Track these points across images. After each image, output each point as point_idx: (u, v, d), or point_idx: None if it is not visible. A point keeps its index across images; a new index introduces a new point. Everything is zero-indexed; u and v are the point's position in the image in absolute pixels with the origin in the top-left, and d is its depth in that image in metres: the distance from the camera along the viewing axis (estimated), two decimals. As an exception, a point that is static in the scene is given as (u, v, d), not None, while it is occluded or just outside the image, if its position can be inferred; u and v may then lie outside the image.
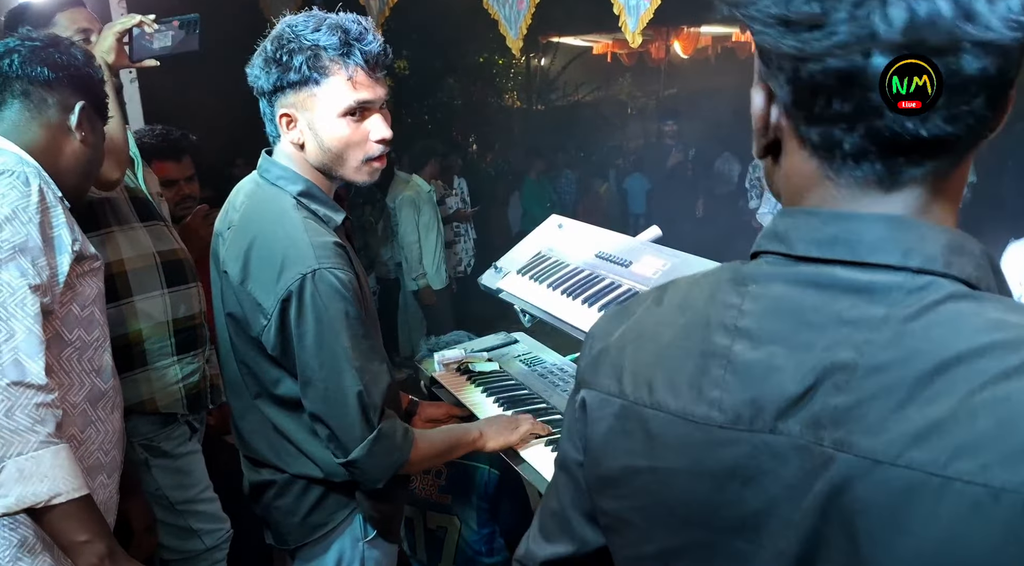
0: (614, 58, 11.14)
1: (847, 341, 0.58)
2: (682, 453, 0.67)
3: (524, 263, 2.27)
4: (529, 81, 10.49)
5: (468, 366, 2.17)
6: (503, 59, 9.61)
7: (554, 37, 10.41)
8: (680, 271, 1.86)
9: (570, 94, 11.02)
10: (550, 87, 10.91)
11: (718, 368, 0.65)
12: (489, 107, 9.40)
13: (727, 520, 0.65)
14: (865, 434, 0.56)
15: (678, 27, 9.99)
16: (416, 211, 5.10)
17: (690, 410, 0.66)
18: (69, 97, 1.49)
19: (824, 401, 0.58)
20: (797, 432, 0.60)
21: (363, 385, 1.40)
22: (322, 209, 1.49)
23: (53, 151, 1.47)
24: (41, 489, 1.19)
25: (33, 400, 1.21)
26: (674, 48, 10.45)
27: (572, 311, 1.96)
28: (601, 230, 2.21)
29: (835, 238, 0.61)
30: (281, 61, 1.39)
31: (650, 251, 2.00)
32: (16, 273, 1.25)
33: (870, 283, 0.59)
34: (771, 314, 0.63)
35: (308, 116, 1.44)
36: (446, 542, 2.42)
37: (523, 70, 10.43)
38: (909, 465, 0.54)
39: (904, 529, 0.54)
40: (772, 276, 0.65)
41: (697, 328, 0.68)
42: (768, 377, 0.62)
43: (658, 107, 10.25)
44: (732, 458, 0.63)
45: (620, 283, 1.94)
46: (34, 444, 1.19)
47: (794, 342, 0.61)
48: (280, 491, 1.58)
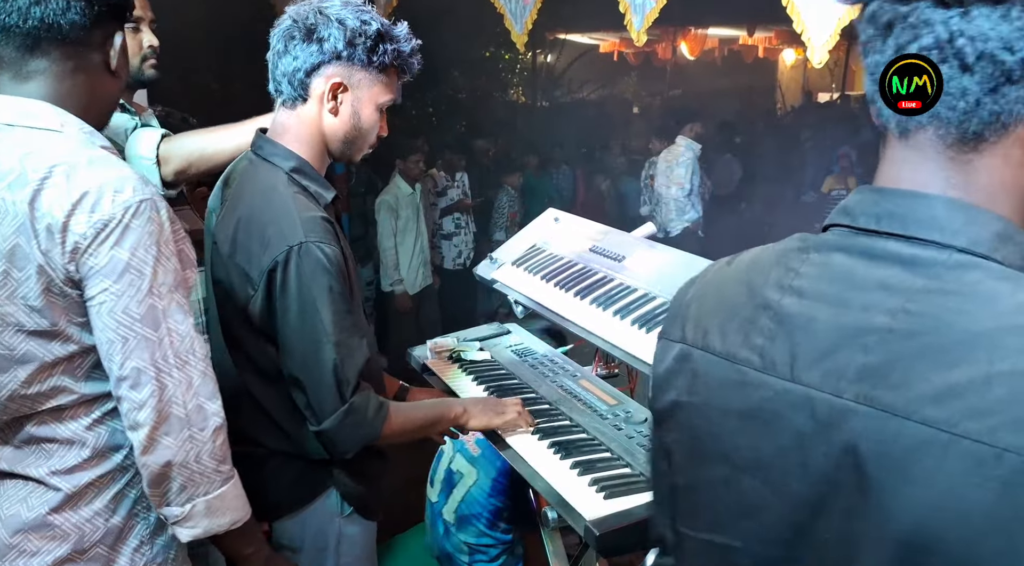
0: (620, 57, 11.15)
1: (883, 306, 0.64)
2: (717, 391, 0.74)
3: (519, 255, 2.29)
4: (534, 77, 10.49)
5: (459, 354, 2.19)
6: (509, 54, 9.61)
7: (561, 34, 10.41)
8: (673, 268, 1.88)
9: (575, 91, 11.02)
10: (555, 83, 10.91)
11: (766, 319, 0.72)
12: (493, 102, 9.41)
13: (743, 458, 0.71)
14: (887, 390, 0.61)
15: (685, 28, 9.99)
16: (393, 215, 5.03)
17: (733, 353, 0.74)
18: (108, 27, 1.24)
19: (850, 357, 0.64)
20: (817, 382, 0.65)
21: (340, 358, 1.44)
22: (313, 186, 1.53)
23: (94, 97, 1.26)
24: (224, 521, 1.28)
25: (217, 441, 1.25)
26: (680, 49, 10.46)
27: (564, 303, 1.98)
28: (596, 225, 2.24)
29: (892, 213, 0.67)
30: (370, 42, 1.48)
31: (644, 247, 2.03)
32: (180, 316, 1.21)
33: (914, 256, 0.64)
34: (823, 277, 0.69)
35: (358, 94, 1.53)
36: (457, 487, 2.56)
37: (529, 66, 10.43)
38: (923, 421, 0.59)
39: (912, 479, 0.59)
40: (832, 245, 0.70)
41: (757, 285, 0.75)
42: (805, 329, 0.68)
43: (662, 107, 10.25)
44: (757, 400, 0.70)
45: (613, 277, 1.97)
46: (219, 483, 1.26)
47: (836, 301, 0.67)
48: (257, 465, 1.60)
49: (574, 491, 1.54)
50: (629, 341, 1.73)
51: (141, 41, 1.92)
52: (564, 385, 2.00)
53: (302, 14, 1.49)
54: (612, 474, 1.58)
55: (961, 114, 0.63)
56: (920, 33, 0.63)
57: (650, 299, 1.81)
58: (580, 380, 2.03)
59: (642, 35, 3.89)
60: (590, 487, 1.54)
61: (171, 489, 1.23)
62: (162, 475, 1.21)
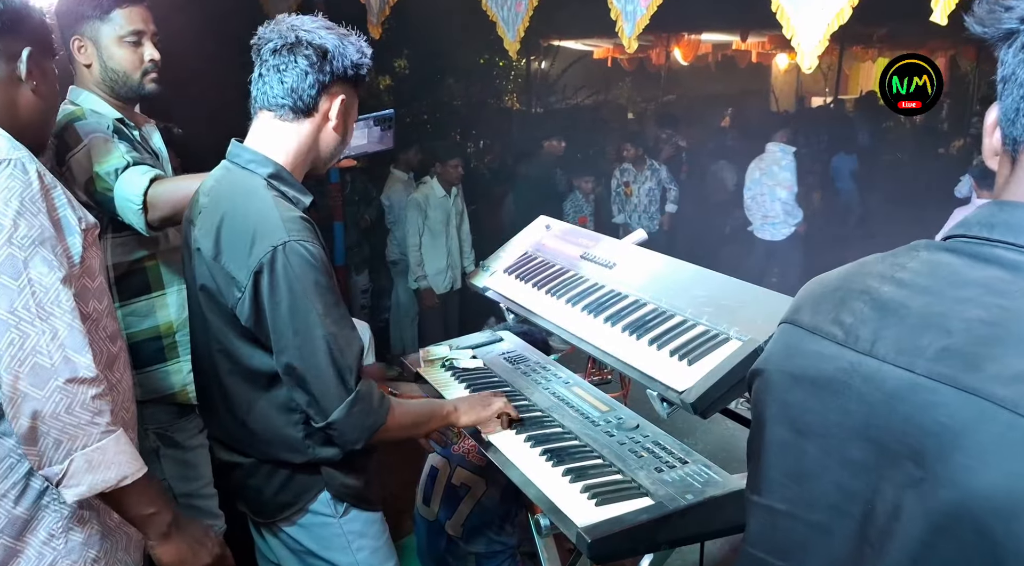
0: (614, 63, 11.19)
1: (978, 300, 0.68)
2: (797, 360, 0.81)
3: (511, 263, 2.30)
4: (529, 84, 10.51)
5: (452, 362, 2.20)
6: (503, 61, 9.63)
7: (555, 40, 10.44)
8: (663, 274, 1.89)
9: (569, 97, 11.04)
10: (549, 90, 10.93)
11: (861, 303, 0.77)
12: (488, 109, 9.42)
13: (807, 424, 0.77)
14: (961, 370, 0.65)
15: (678, 34, 10.02)
16: (422, 214, 5.08)
17: (818, 326, 0.80)
18: (11, 45, 1.35)
19: (933, 339, 0.69)
20: (892, 357, 0.70)
21: (338, 349, 1.46)
22: (291, 191, 1.56)
23: (7, 108, 1.36)
24: (110, 475, 1.27)
25: (89, 393, 1.25)
26: (674, 54, 10.49)
27: (556, 311, 1.99)
28: (587, 232, 2.25)
29: (1006, 223, 0.71)
30: (360, 67, 1.58)
31: (634, 254, 2.04)
32: (44, 269, 1.23)
33: (1018, 262, 0.69)
34: (926, 272, 0.75)
35: (351, 112, 1.64)
36: (464, 501, 2.51)
37: (523, 72, 10.45)
38: (990, 398, 0.62)
39: (968, 451, 0.63)
40: (943, 247, 0.76)
41: (861, 274, 0.81)
42: (896, 313, 0.73)
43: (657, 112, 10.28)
44: (832, 370, 0.76)
45: (604, 284, 1.98)
46: (96, 436, 1.25)
47: (933, 291, 0.72)
48: (249, 472, 1.64)
49: (566, 498, 1.54)
50: (620, 348, 1.73)
51: (142, 55, 1.94)
52: (556, 392, 2.01)
53: (294, 32, 1.52)
54: (603, 481, 1.59)
55: None
56: None
57: (641, 306, 1.82)
58: (572, 387, 2.03)
59: (633, 42, 3.90)
60: (582, 494, 1.54)
61: (47, 444, 1.22)
62: (33, 428, 1.21)
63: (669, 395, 1.54)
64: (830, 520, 0.75)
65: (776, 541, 0.83)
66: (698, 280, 1.80)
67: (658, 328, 1.70)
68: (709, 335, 1.60)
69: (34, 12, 1.41)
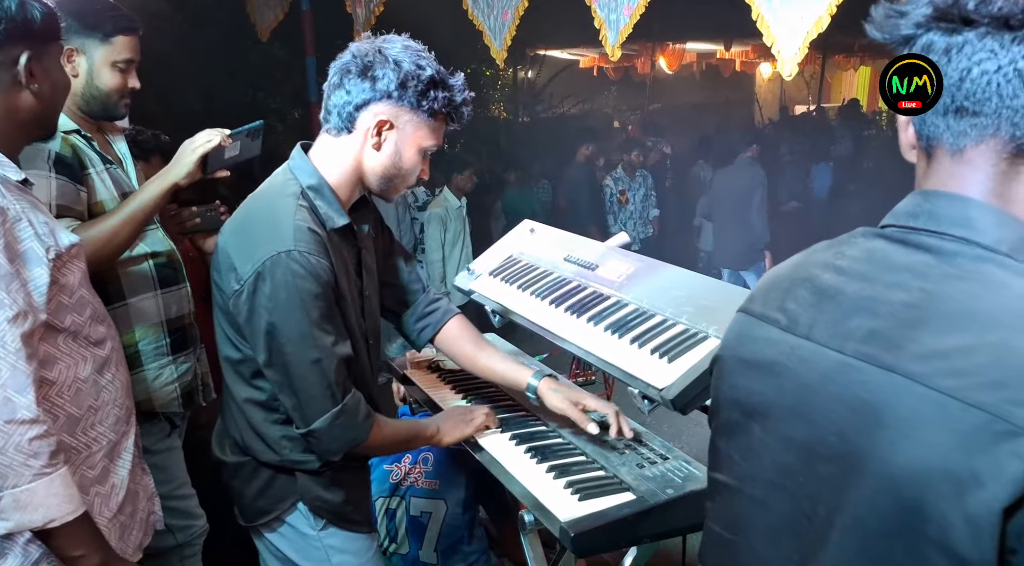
0: (600, 72, 11.28)
1: (906, 285, 0.72)
2: (745, 346, 0.86)
3: (496, 266, 2.33)
4: (516, 92, 10.58)
5: (439, 364, 2.23)
6: (491, 70, 9.70)
7: (541, 50, 10.52)
8: (643, 275, 1.93)
9: (556, 106, 11.11)
10: (536, 99, 11.00)
11: (804, 290, 0.82)
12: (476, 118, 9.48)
13: (752, 405, 0.82)
14: (883, 349, 0.70)
15: (663, 43, 10.12)
16: (442, 228, 5.16)
17: (765, 313, 0.85)
18: (10, 51, 1.36)
19: (862, 321, 0.73)
20: (825, 339, 0.75)
21: (327, 360, 1.48)
22: (324, 207, 1.57)
23: (8, 113, 1.39)
24: (36, 517, 1.27)
25: (26, 436, 1.24)
26: (659, 63, 10.59)
27: (540, 312, 2.02)
28: (570, 235, 2.29)
29: (930, 212, 0.75)
30: (423, 87, 1.52)
31: (616, 256, 2.08)
32: None
33: (942, 248, 0.73)
34: (863, 259, 0.79)
35: (403, 135, 1.57)
36: (429, 527, 2.50)
37: (510, 81, 10.52)
38: (905, 374, 0.67)
39: (887, 424, 0.67)
40: (878, 235, 0.80)
41: (807, 264, 0.86)
42: (833, 298, 0.78)
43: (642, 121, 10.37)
44: (773, 354, 0.81)
45: (587, 286, 2.01)
46: (28, 477, 1.25)
47: (866, 277, 0.76)
48: (232, 472, 1.67)
49: (549, 494, 1.57)
50: (603, 347, 1.77)
51: (127, 82, 1.99)
52: (541, 392, 2.03)
53: (362, 51, 1.54)
54: (586, 477, 1.62)
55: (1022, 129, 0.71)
56: (981, 58, 0.70)
57: (623, 306, 1.86)
58: (557, 387, 2.06)
59: (616, 50, 3.96)
60: (565, 490, 1.57)
61: None
62: None
63: (650, 392, 1.57)
64: (766, 495, 0.80)
65: (727, 516, 0.89)
66: (678, 281, 1.84)
67: (639, 327, 1.74)
68: (688, 334, 1.64)
69: (33, 12, 1.39)
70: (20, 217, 1.31)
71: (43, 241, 1.34)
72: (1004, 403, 0.61)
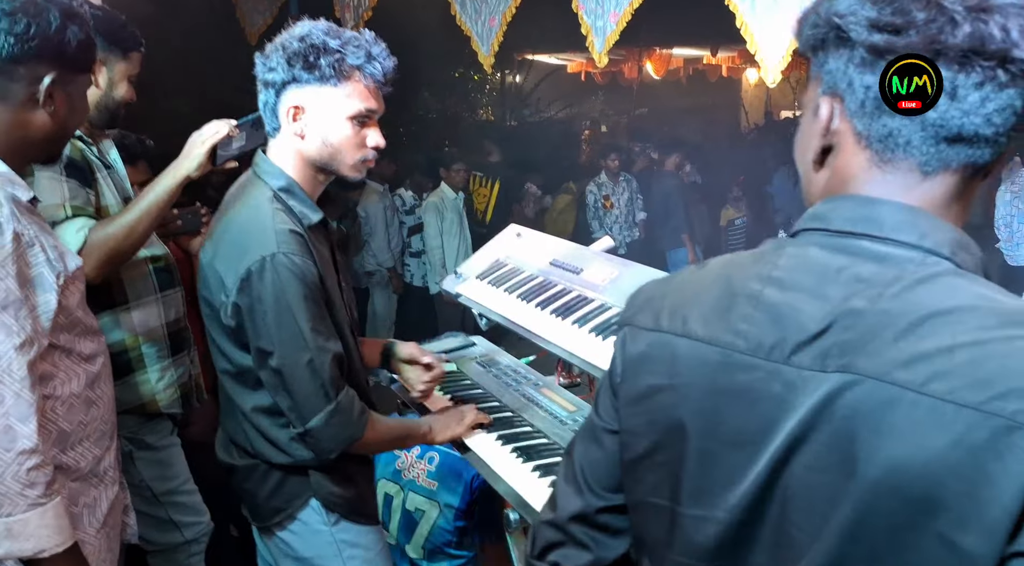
0: (588, 77, 11.34)
1: (862, 294, 0.72)
2: (700, 373, 0.80)
3: (483, 269, 2.37)
4: (503, 97, 10.63)
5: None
6: (478, 75, 9.74)
7: (529, 54, 10.57)
8: (628, 279, 1.97)
9: (543, 110, 11.17)
10: (523, 103, 11.06)
11: (747, 306, 0.78)
12: (463, 121, 9.52)
13: (730, 434, 0.78)
14: (864, 358, 0.69)
15: (650, 48, 10.20)
16: (439, 217, 5.37)
17: (716, 337, 0.79)
18: (36, 68, 1.34)
19: (835, 338, 0.71)
20: (807, 363, 0.72)
21: (320, 359, 1.51)
22: (298, 206, 1.59)
23: (18, 128, 1.36)
24: (27, 546, 1.27)
25: (24, 465, 1.24)
26: (646, 68, 10.66)
27: (526, 315, 2.06)
28: (556, 239, 2.32)
29: (867, 217, 0.74)
30: (307, 58, 1.50)
31: (600, 259, 2.11)
32: (1, 335, 1.22)
33: (888, 254, 0.73)
34: (801, 269, 0.76)
35: (318, 112, 1.55)
36: (420, 525, 2.55)
37: (498, 86, 10.57)
38: (894, 382, 0.67)
39: (881, 432, 0.67)
40: (809, 242, 0.78)
41: (737, 278, 0.81)
42: (792, 317, 0.75)
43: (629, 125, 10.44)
44: (747, 381, 0.76)
45: (572, 289, 2.05)
46: (22, 507, 1.25)
47: (817, 292, 0.74)
48: (244, 475, 1.68)
49: (534, 492, 1.61)
50: (587, 349, 1.80)
51: (131, 94, 2.07)
52: (527, 393, 2.08)
53: (265, 52, 1.56)
54: (571, 475, 1.65)
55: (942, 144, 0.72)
56: None
57: (607, 309, 1.89)
58: (542, 389, 2.10)
59: (604, 56, 4.01)
60: (550, 488, 1.60)
61: None
62: None
63: (632, 393, 1.60)
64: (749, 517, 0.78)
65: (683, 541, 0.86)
66: (661, 284, 1.87)
67: (622, 330, 1.77)
68: (670, 335, 1.67)
69: (69, 35, 1.36)
70: (33, 242, 1.31)
71: (54, 267, 1.33)
72: (994, 400, 0.62)
